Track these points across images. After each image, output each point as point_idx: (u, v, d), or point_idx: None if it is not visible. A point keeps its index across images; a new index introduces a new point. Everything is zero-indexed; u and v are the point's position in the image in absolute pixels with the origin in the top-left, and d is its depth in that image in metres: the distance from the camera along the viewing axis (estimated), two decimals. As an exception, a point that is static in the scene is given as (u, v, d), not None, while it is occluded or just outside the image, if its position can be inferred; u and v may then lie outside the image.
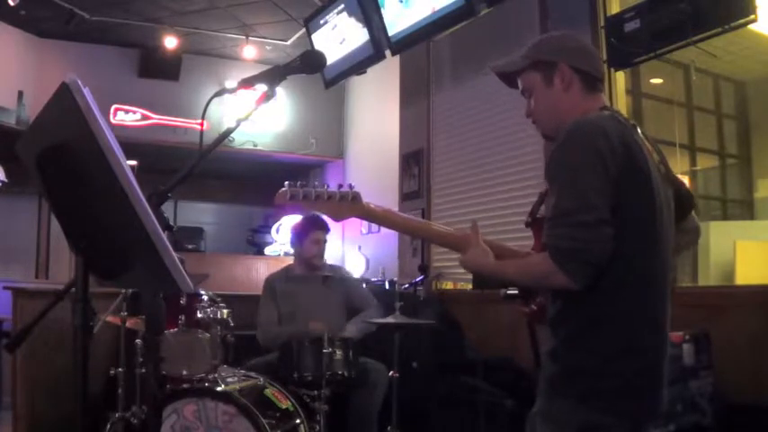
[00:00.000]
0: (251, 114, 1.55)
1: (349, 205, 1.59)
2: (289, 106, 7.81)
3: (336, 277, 3.84)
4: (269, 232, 8.43)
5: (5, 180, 4.39)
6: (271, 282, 3.86)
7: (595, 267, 1.38)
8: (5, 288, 4.15)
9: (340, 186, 1.59)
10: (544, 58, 1.63)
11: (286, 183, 1.55)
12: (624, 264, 1.43)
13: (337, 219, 1.61)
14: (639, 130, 1.57)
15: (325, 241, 3.83)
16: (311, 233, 3.79)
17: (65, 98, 1.10)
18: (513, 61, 1.70)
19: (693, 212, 1.72)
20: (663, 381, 1.49)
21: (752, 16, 3.03)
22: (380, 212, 1.64)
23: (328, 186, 1.59)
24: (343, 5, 5.31)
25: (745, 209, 6.16)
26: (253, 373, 3.27)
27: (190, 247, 8.12)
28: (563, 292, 1.45)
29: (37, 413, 3.97)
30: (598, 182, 1.40)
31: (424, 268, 4.77)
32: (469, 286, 4.64)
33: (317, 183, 1.60)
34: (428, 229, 1.79)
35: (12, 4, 5.60)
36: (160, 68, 7.22)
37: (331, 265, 4.03)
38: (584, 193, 1.40)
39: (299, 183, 1.56)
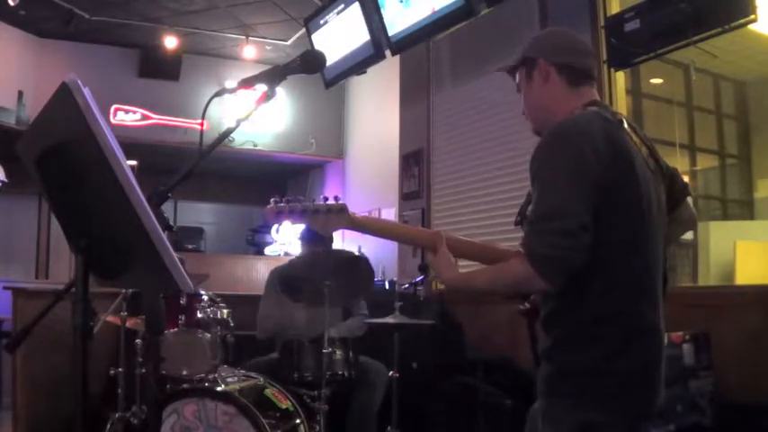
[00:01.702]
0: (251, 114, 1.54)
1: (336, 217, 1.59)
2: (289, 106, 7.81)
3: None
4: (269, 232, 8.43)
5: (5, 180, 4.39)
6: (274, 276, 3.88)
7: (570, 274, 1.39)
8: (5, 288, 4.15)
9: (326, 199, 1.59)
10: (526, 55, 1.67)
11: (272, 200, 1.56)
12: (613, 265, 1.43)
13: (325, 232, 1.61)
14: (626, 124, 1.56)
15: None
16: (306, 244, 3.80)
17: (65, 98, 1.10)
18: (508, 62, 1.74)
19: (689, 200, 1.71)
20: (660, 380, 1.49)
21: (752, 16, 3.03)
22: (368, 222, 1.64)
23: (315, 200, 1.58)
24: (343, 5, 5.31)
25: (745, 209, 6.16)
26: (253, 373, 3.27)
27: (190, 247, 8.12)
28: (554, 293, 1.46)
29: (37, 413, 3.96)
30: (580, 185, 1.40)
31: (424, 268, 4.76)
32: (469, 286, 4.64)
33: (301, 197, 1.60)
34: (407, 233, 1.78)
35: (12, 4, 5.60)
36: (160, 68, 7.23)
37: None
38: (565, 196, 1.40)
39: (284, 198, 1.57)
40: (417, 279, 4.58)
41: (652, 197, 1.51)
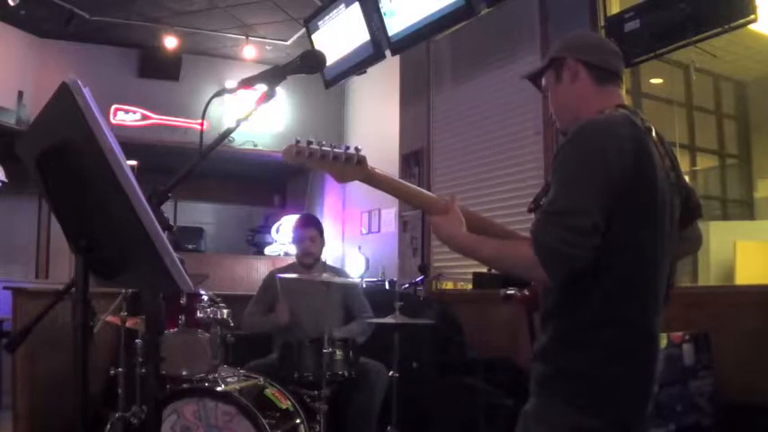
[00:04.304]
0: (251, 114, 1.54)
1: (354, 169, 1.55)
2: (289, 106, 7.81)
3: (336, 279, 3.80)
4: (269, 232, 8.44)
5: (5, 180, 4.39)
6: (271, 280, 3.88)
7: (573, 272, 1.38)
8: (5, 288, 4.15)
9: (347, 148, 1.56)
10: (554, 56, 1.68)
11: (295, 139, 1.51)
12: (620, 270, 1.42)
13: (341, 180, 1.57)
14: (654, 133, 1.55)
15: (311, 239, 3.79)
16: (299, 231, 3.82)
17: (65, 98, 1.10)
18: (536, 65, 1.75)
19: (697, 221, 1.70)
20: (653, 389, 1.48)
21: (752, 16, 3.04)
22: (383, 178, 1.61)
23: (335, 147, 1.54)
24: (343, 5, 5.31)
25: (745, 209, 6.16)
26: (253, 374, 3.27)
27: (190, 247, 8.12)
28: (556, 289, 1.45)
29: (37, 413, 3.96)
30: (599, 185, 1.39)
31: (424, 268, 4.77)
32: (469, 286, 4.65)
33: (323, 141, 1.54)
34: (419, 194, 1.72)
35: (12, 4, 5.60)
36: (160, 68, 7.23)
37: (332, 267, 4.03)
38: (582, 194, 1.39)
39: (307, 140, 1.52)
40: (417, 279, 4.59)
41: (666, 210, 1.49)
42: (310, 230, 3.81)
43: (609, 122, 1.49)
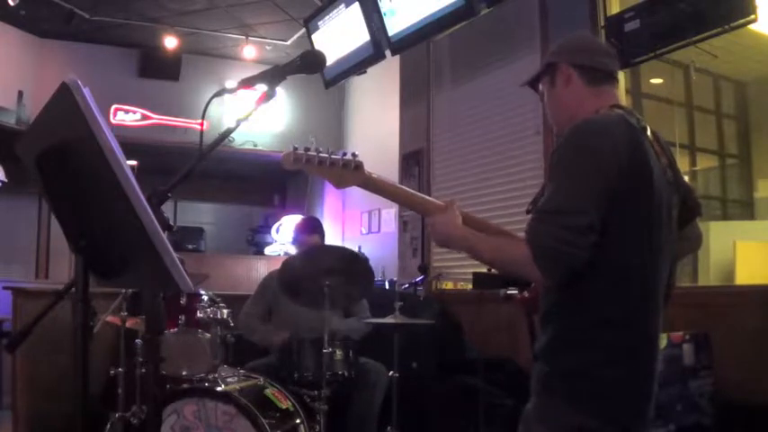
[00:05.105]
0: (251, 114, 1.54)
1: (351, 174, 1.57)
2: (289, 106, 7.81)
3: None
4: (269, 232, 8.44)
5: (5, 180, 4.39)
6: (269, 280, 3.87)
7: (570, 272, 1.38)
8: (5, 288, 4.15)
9: (344, 154, 1.58)
10: (548, 61, 1.68)
11: (293, 146, 1.53)
12: (618, 271, 1.42)
13: (339, 186, 1.59)
14: (650, 132, 1.55)
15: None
16: (302, 237, 3.80)
17: (65, 98, 1.10)
18: (534, 71, 1.75)
19: (696, 220, 1.69)
20: (653, 389, 1.48)
21: (752, 16, 3.04)
22: (381, 183, 1.63)
23: (332, 153, 1.57)
24: (343, 5, 5.31)
25: (745, 209, 6.16)
26: (253, 374, 3.27)
27: (190, 247, 8.13)
28: (555, 288, 1.45)
29: (37, 413, 3.96)
30: (595, 185, 1.39)
31: (424, 268, 4.77)
32: (469, 286, 4.64)
33: (320, 148, 1.56)
34: (417, 198, 1.73)
35: (12, 3, 5.60)
36: (160, 68, 7.23)
37: None
38: (578, 194, 1.39)
39: (305, 147, 1.54)
40: (417, 279, 4.58)
41: (664, 208, 1.49)
42: (314, 238, 3.79)
43: (604, 122, 1.49)
